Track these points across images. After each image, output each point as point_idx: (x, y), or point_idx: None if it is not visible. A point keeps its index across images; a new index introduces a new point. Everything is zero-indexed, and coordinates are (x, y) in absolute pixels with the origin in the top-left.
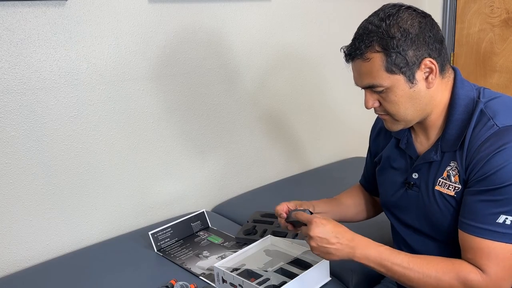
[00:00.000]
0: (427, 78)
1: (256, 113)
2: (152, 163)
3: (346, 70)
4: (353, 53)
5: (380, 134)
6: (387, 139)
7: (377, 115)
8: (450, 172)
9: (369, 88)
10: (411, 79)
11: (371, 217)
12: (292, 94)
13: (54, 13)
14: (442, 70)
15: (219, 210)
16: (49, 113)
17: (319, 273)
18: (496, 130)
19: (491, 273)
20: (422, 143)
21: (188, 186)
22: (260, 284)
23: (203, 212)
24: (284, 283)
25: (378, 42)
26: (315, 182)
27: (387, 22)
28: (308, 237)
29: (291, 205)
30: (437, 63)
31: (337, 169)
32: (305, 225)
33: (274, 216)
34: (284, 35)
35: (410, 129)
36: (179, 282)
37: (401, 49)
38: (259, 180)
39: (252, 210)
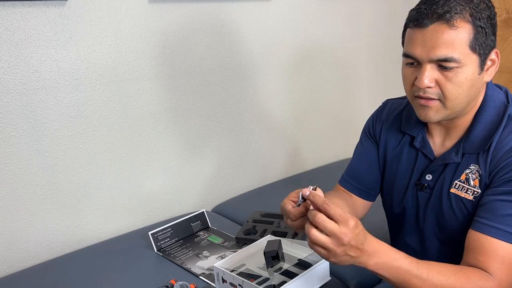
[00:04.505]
0: (488, 69)
1: (256, 113)
2: (152, 163)
3: (346, 70)
4: (441, 13)
5: (392, 129)
6: (398, 136)
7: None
8: (469, 175)
9: (441, 61)
10: (481, 64)
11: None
12: (292, 94)
13: (54, 13)
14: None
15: (219, 210)
16: (49, 113)
17: (319, 273)
18: None
19: (502, 278)
20: (435, 143)
21: (188, 186)
22: (260, 284)
23: (203, 212)
24: (284, 283)
25: (471, 12)
26: (315, 182)
27: None
28: (332, 239)
29: (293, 195)
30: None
31: (337, 169)
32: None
33: (274, 216)
34: (284, 35)
35: (425, 128)
36: (179, 282)
37: (488, 30)
38: (259, 180)
39: (252, 210)
